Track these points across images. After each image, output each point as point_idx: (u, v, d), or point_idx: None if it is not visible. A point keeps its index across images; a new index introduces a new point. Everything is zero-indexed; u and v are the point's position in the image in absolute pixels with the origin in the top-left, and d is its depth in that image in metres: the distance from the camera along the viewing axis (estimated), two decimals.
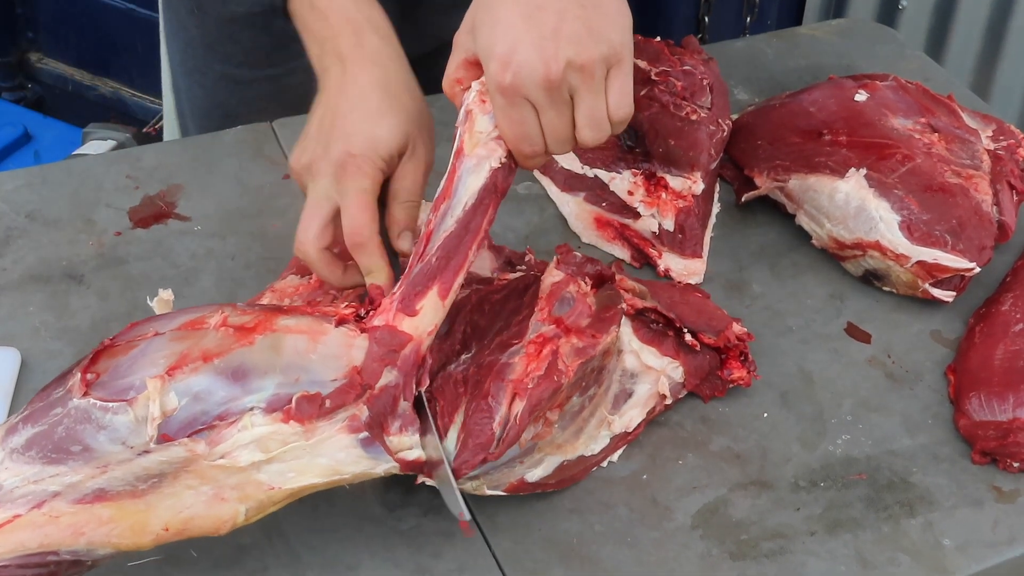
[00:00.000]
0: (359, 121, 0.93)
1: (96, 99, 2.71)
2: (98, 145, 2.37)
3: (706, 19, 2.06)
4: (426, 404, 0.86)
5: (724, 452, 1.00)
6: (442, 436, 0.87)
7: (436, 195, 0.89)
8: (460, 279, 0.87)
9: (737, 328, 1.03)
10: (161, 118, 2.48)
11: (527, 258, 1.05)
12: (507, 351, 0.90)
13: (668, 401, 1.01)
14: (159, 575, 0.88)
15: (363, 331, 0.84)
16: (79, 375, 0.78)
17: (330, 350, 0.81)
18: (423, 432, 0.84)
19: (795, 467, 1.00)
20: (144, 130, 2.48)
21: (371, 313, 0.85)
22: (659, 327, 1.02)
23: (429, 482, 0.87)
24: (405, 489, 0.94)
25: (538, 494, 0.95)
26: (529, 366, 0.89)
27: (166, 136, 1.56)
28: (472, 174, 0.88)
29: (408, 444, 0.83)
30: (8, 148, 2.49)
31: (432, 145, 0.97)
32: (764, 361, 1.08)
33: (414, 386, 0.84)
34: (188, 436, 0.77)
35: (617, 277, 1.01)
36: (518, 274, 1.01)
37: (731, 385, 1.04)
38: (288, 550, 0.90)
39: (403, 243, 0.94)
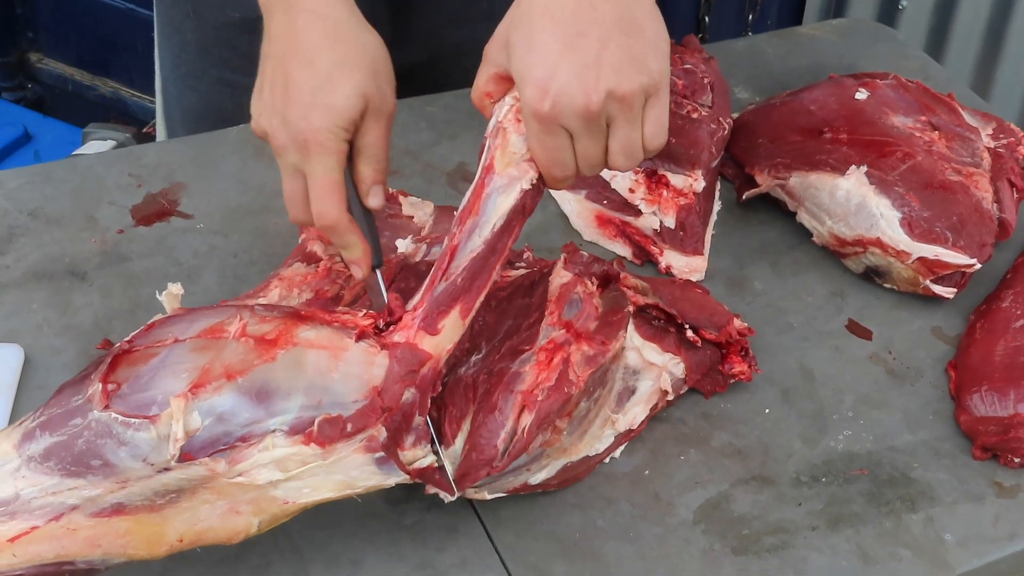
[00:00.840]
0: (313, 91, 0.90)
1: (96, 99, 2.71)
2: (98, 145, 2.38)
3: (706, 19, 2.06)
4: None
5: (726, 448, 1.01)
6: (449, 442, 0.87)
7: (461, 208, 0.88)
8: (482, 298, 0.86)
9: (738, 323, 1.03)
10: None
11: (525, 256, 1.04)
12: (518, 359, 0.90)
13: (670, 397, 1.01)
14: (163, 571, 0.88)
15: (383, 347, 0.83)
16: (99, 385, 0.77)
17: (351, 369, 0.81)
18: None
19: (796, 463, 1.00)
20: (144, 130, 2.48)
21: (391, 327, 0.84)
22: (660, 323, 1.02)
23: (445, 497, 0.87)
24: (408, 485, 0.95)
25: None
26: (539, 376, 0.89)
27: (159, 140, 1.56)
28: (502, 194, 0.87)
29: (421, 455, 0.84)
30: (8, 148, 2.49)
31: (392, 88, 0.94)
32: (765, 358, 1.08)
33: (428, 401, 0.84)
34: (209, 456, 0.77)
35: (620, 275, 1.01)
36: (519, 271, 1.01)
37: (732, 380, 1.04)
38: (292, 546, 0.90)
39: (373, 200, 0.93)
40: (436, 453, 0.85)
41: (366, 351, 0.82)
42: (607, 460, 0.98)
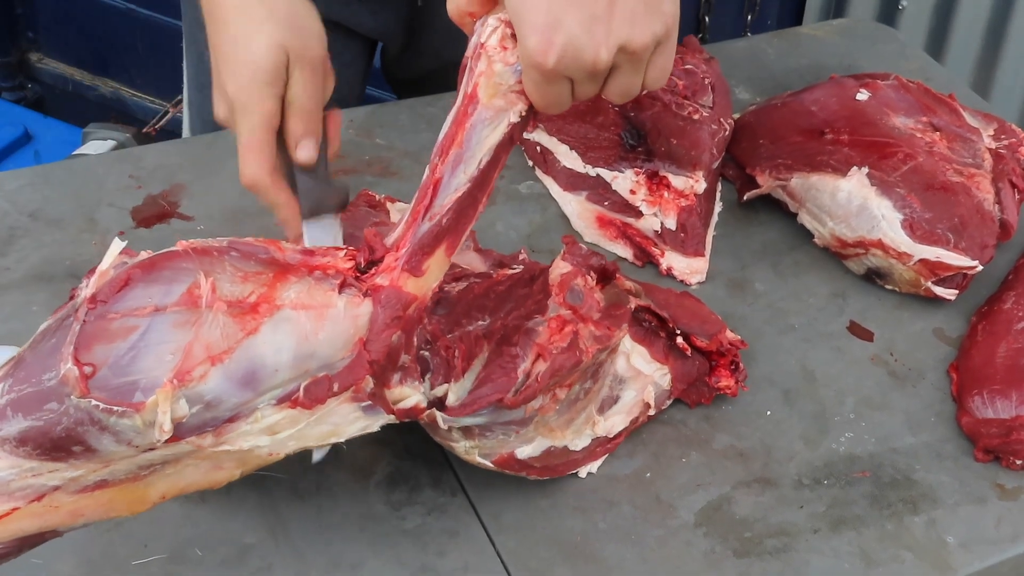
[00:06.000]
0: (231, 52, 0.90)
1: (96, 99, 2.71)
2: (98, 145, 2.38)
3: (707, 19, 2.06)
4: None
5: (727, 450, 1.01)
6: (459, 376, 0.85)
7: (441, 137, 0.83)
8: (468, 231, 0.83)
9: (730, 334, 1.02)
10: (160, 118, 2.49)
11: (521, 256, 1.03)
12: (531, 320, 0.89)
13: (651, 412, 1.00)
14: (164, 574, 0.88)
15: (366, 292, 0.80)
16: (74, 368, 0.73)
17: (336, 327, 0.79)
18: None
19: (798, 465, 1.00)
20: (144, 130, 2.48)
21: (373, 268, 0.81)
22: (651, 326, 1.01)
23: (440, 419, 0.85)
24: (409, 488, 0.95)
25: (541, 492, 0.95)
26: (552, 337, 0.88)
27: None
28: (488, 126, 0.82)
29: (409, 393, 0.82)
30: (8, 148, 2.49)
31: (320, 39, 0.93)
32: (766, 359, 1.08)
33: (415, 340, 0.82)
34: (196, 435, 0.76)
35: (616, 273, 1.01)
36: (516, 269, 1.00)
37: (718, 393, 1.03)
38: (292, 549, 0.90)
39: (302, 154, 0.93)
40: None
41: (350, 302, 0.79)
42: (584, 475, 0.97)
